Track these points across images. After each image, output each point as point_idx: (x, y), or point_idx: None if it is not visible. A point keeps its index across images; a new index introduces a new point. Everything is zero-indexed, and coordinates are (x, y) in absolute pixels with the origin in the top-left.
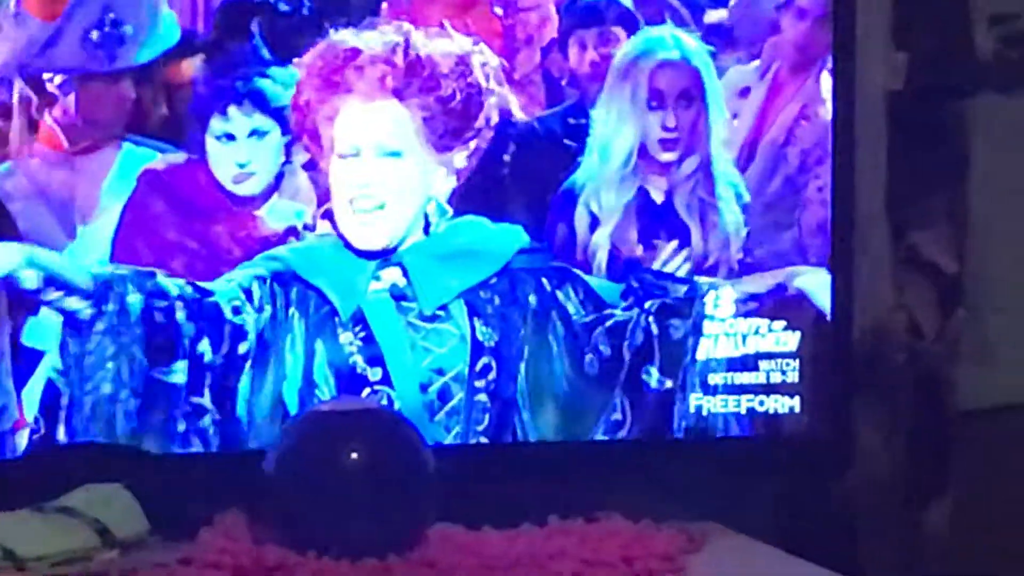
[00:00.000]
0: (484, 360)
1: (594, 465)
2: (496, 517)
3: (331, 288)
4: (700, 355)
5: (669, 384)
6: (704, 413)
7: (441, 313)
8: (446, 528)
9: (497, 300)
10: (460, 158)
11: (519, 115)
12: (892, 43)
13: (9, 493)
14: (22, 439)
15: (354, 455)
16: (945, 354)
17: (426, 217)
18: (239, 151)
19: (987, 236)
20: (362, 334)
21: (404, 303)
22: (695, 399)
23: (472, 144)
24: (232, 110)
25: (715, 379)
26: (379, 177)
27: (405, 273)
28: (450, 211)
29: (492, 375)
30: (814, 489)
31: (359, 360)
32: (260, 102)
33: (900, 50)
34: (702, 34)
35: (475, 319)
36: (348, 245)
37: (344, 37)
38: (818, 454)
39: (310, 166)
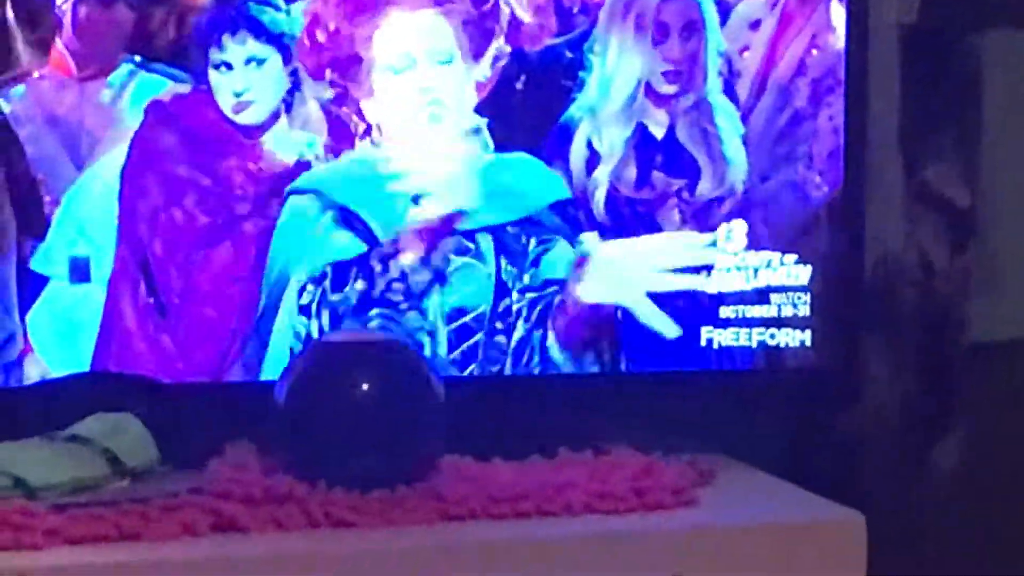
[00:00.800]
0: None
1: (603, 397)
2: (506, 449)
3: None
4: (711, 289)
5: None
6: (715, 346)
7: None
8: (455, 459)
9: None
10: (484, 68)
11: (525, 18)
12: None
13: (18, 422)
14: (30, 367)
15: (364, 386)
16: (956, 288)
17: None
18: (236, 80)
19: (999, 170)
20: None
21: None
22: (706, 332)
23: (491, 52)
24: (226, 39)
25: (726, 312)
26: (439, 84)
27: None
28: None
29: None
30: (823, 422)
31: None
32: (256, 29)
33: None
34: None
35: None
36: None
37: None
38: (827, 387)
39: (339, 101)
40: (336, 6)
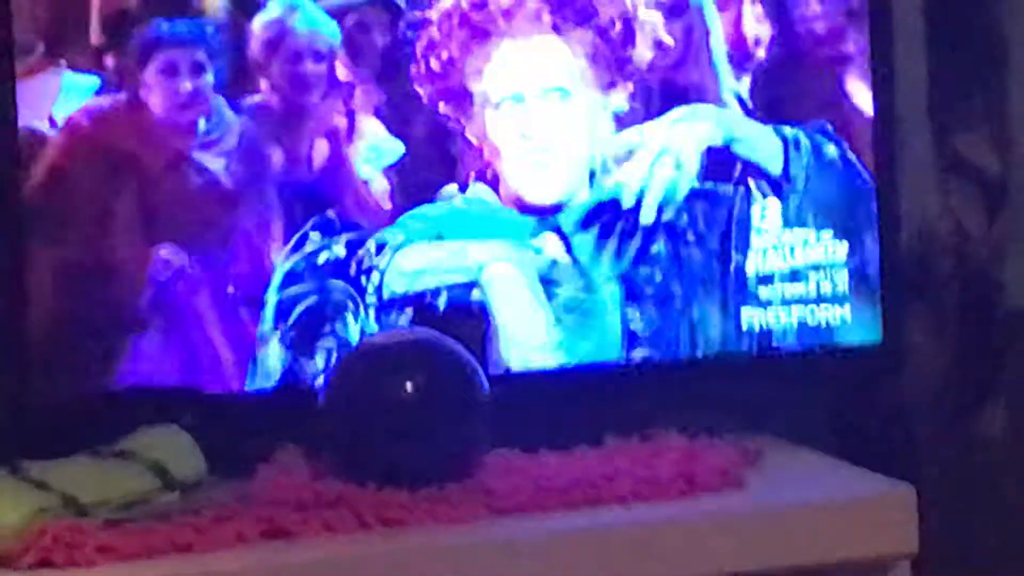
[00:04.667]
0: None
1: (648, 383)
2: (552, 439)
3: None
4: (749, 269)
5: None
6: (756, 327)
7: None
8: (503, 453)
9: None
10: (621, 99)
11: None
12: None
13: (64, 438)
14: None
15: (408, 385)
16: (992, 255)
17: (592, 174)
18: None
19: None
20: None
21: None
22: (746, 313)
23: (631, 84)
24: None
25: (765, 292)
26: (547, 120)
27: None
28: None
29: None
30: (868, 398)
31: None
32: None
33: None
34: None
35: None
36: (519, 203)
37: None
38: (870, 361)
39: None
40: (450, 29)
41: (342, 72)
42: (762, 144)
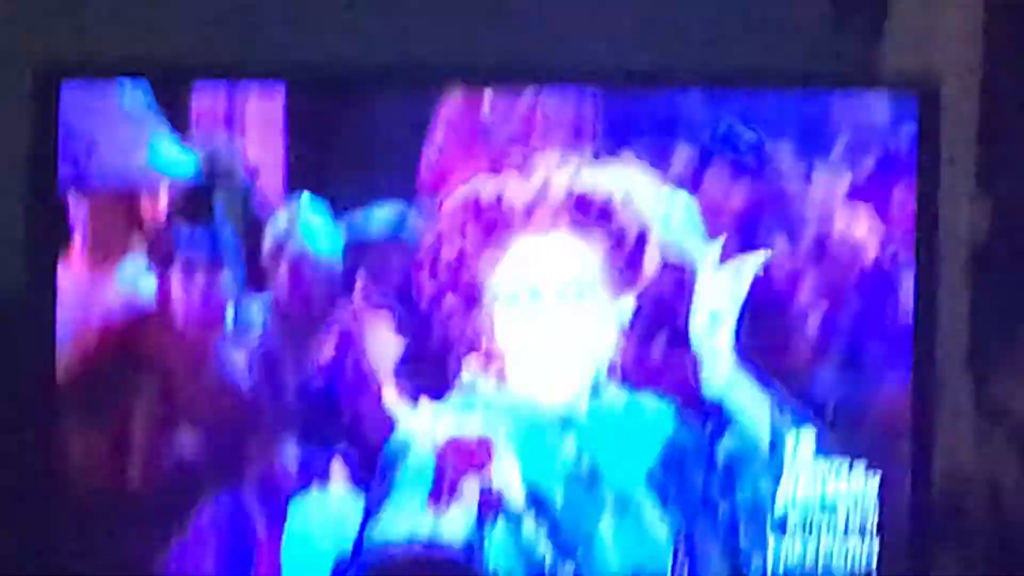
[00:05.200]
0: None
1: None
2: None
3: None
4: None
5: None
6: (782, 555)
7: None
8: None
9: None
10: (627, 309)
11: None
12: (976, 191)
13: None
14: None
15: None
16: None
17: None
18: None
19: None
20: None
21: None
22: (772, 541)
23: (638, 295)
24: None
25: (793, 520)
26: (562, 322)
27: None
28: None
29: None
30: None
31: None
32: None
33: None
34: None
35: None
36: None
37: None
38: None
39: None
40: (462, 223)
41: None
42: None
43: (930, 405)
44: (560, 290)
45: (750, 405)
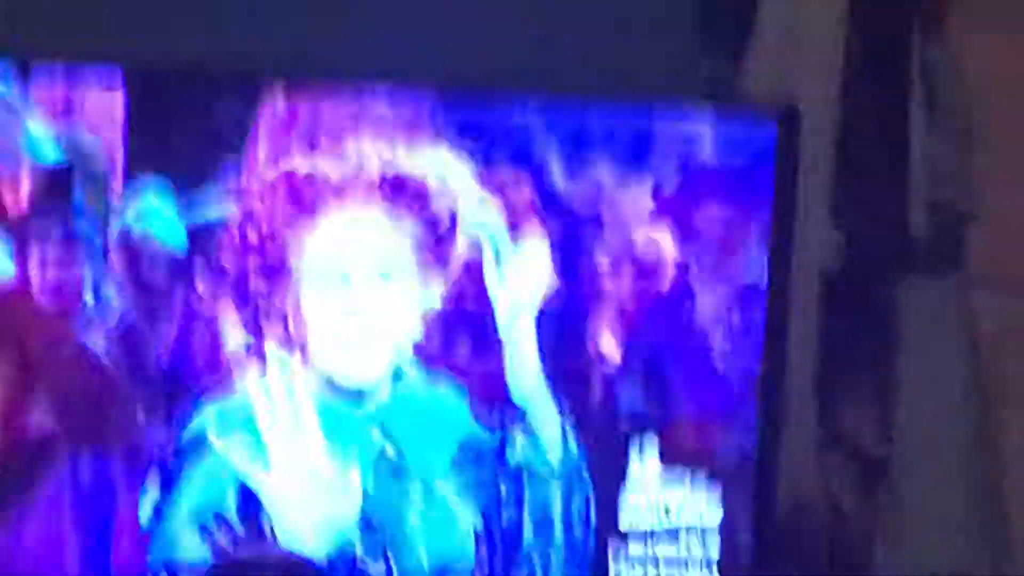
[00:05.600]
0: None
1: None
2: None
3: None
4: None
5: None
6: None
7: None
8: None
9: None
10: (436, 295)
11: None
12: (830, 222)
13: None
14: None
15: None
16: (864, 532)
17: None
18: None
19: (915, 417)
20: None
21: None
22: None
23: (447, 282)
24: None
25: (635, 549)
26: (369, 303)
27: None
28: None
29: None
30: None
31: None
32: None
33: (837, 229)
34: None
35: None
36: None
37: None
38: None
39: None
40: (270, 202)
41: None
42: None
43: (776, 428)
44: (368, 271)
45: (546, 418)
